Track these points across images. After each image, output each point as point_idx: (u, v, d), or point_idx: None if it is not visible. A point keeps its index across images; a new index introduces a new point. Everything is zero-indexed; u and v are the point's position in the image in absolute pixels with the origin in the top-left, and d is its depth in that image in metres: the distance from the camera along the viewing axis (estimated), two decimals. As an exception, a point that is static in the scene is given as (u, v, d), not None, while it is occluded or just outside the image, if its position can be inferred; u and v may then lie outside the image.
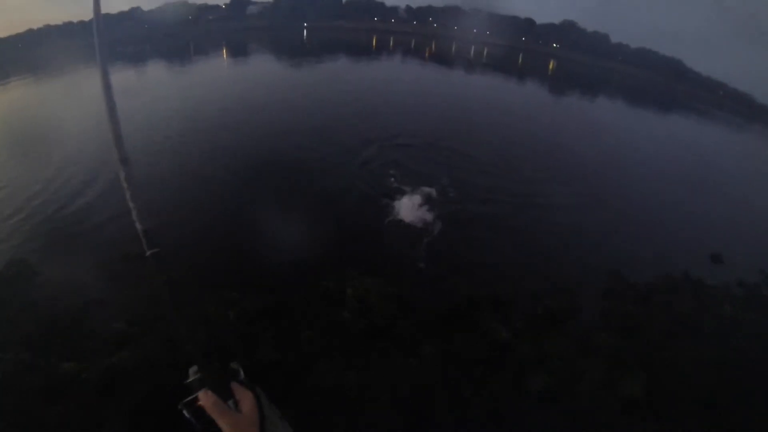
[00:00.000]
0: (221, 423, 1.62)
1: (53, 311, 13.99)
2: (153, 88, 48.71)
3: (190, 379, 1.72)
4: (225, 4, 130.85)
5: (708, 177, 28.63)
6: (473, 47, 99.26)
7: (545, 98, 59.60)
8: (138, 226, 1.89)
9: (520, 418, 11.38)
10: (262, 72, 62.29)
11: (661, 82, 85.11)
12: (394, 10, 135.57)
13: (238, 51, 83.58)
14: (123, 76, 57.17)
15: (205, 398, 1.65)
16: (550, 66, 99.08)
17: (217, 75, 60.56)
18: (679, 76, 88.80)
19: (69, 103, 36.87)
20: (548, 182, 25.50)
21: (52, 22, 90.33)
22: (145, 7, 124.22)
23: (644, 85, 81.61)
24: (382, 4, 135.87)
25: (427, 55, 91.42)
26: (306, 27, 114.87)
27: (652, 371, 12.59)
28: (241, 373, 1.82)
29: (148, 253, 1.88)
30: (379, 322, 13.56)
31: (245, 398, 1.72)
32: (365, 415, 11.06)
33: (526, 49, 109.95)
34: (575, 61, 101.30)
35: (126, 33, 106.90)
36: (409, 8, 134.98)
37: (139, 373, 11.17)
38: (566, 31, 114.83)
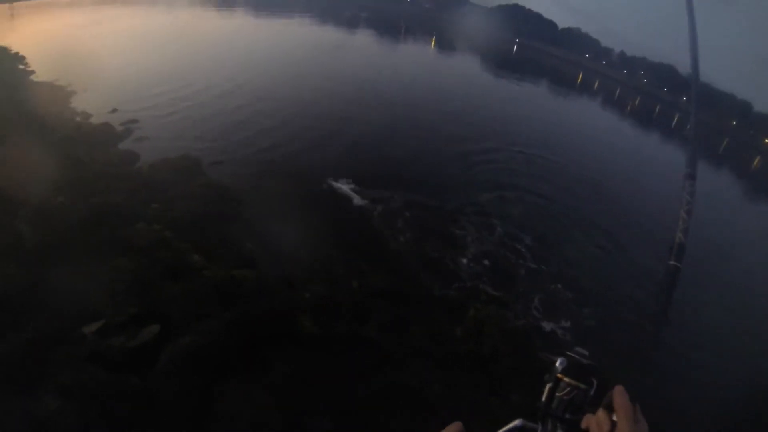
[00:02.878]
0: (624, 428, 1.25)
1: (204, 210, 15.14)
2: (363, 55, 51.99)
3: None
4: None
5: None
6: (678, 115, 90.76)
7: (741, 193, 52.39)
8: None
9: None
10: (465, 71, 63.89)
11: None
12: (607, 51, 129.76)
13: (446, 44, 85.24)
14: (334, 35, 61.90)
15: (624, 396, 1.30)
16: (755, 162, 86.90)
17: (423, 61, 62.74)
18: None
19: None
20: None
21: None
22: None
23: None
24: (597, 42, 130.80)
25: (628, 109, 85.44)
26: (517, 42, 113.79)
27: None
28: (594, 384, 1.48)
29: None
30: (486, 351, 12.64)
31: (642, 425, 1.31)
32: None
33: (733, 135, 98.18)
34: None
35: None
36: (623, 54, 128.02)
37: (251, 294, 11.45)
38: None
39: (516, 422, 1.52)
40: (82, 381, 8.06)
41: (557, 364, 1.53)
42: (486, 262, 17.10)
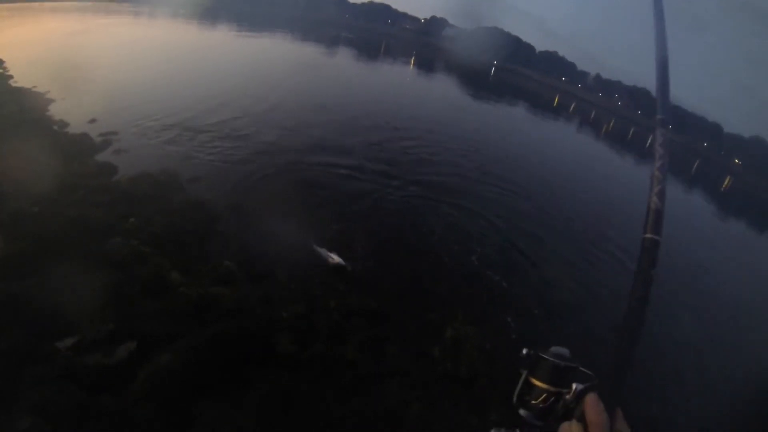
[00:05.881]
0: None
1: (182, 226, 15.00)
2: (345, 73, 52.54)
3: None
4: (425, 19, 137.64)
5: None
6: (651, 137, 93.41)
7: (711, 213, 53.89)
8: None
9: None
10: (445, 93, 64.65)
11: None
12: (583, 75, 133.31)
13: (425, 64, 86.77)
14: (315, 54, 62.52)
15: (597, 407, 1.25)
16: (726, 182, 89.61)
17: (401, 81, 63.53)
18: None
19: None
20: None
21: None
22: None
23: None
24: (574, 65, 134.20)
25: (603, 131, 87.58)
26: (495, 65, 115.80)
27: None
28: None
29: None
30: (464, 371, 12.71)
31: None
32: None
33: (705, 156, 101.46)
34: (755, 185, 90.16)
35: (329, 17, 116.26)
36: (598, 77, 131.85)
37: (229, 312, 11.40)
38: (753, 148, 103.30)
39: None
40: (55, 399, 7.88)
41: (521, 366, 1.51)
42: (462, 280, 17.23)
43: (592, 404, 1.25)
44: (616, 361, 1.35)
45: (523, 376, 1.47)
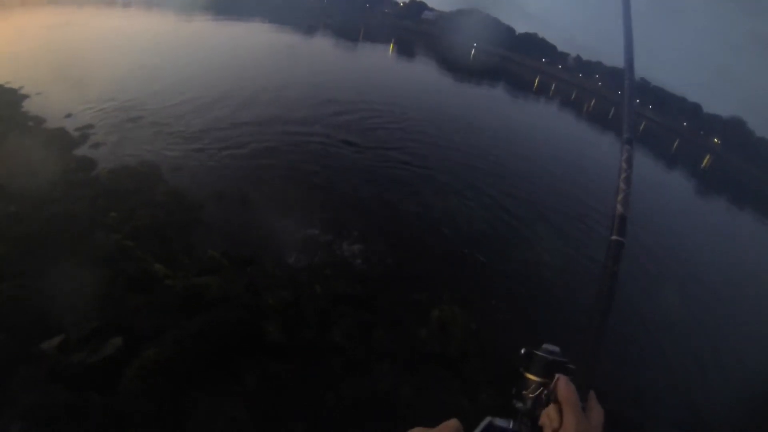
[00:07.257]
0: (569, 420, 1.30)
1: (164, 217, 14.86)
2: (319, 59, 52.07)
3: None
4: (403, 2, 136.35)
5: None
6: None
7: (690, 193, 54.74)
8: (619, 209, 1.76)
9: None
10: (424, 75, 64.92)
11: None
12: (564, 56, 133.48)
13: (404, 49, 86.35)
14: (292, 40, 62.02)
15: (567, 387, 1.34)
16: (705, 161, 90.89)
17: (379, 64, 63.20)
18: None
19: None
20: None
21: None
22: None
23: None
24: (554, 47, 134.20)
25: (585, 110, 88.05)
26: (475, 47, 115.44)
27: None
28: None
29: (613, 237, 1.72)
30: (452, 352, 12.83)
31: (597, 412, 1.38)
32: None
33: (685, 136, 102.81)
34: (733, 164, 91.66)
35: (305, 4, 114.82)
36: (579, 59, 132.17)
37: (216, 302, 11.33)
38: (732, 128, 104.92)
39: (486, 420, 1.56)
40: (45, 401, 7.80)
41: (519, 364, 1.57)
42: (446, 261, 17.34)
43: (561, 385, 1.35)
44: (586, 348, 1.53)
45: (521, 372, 1.56)
